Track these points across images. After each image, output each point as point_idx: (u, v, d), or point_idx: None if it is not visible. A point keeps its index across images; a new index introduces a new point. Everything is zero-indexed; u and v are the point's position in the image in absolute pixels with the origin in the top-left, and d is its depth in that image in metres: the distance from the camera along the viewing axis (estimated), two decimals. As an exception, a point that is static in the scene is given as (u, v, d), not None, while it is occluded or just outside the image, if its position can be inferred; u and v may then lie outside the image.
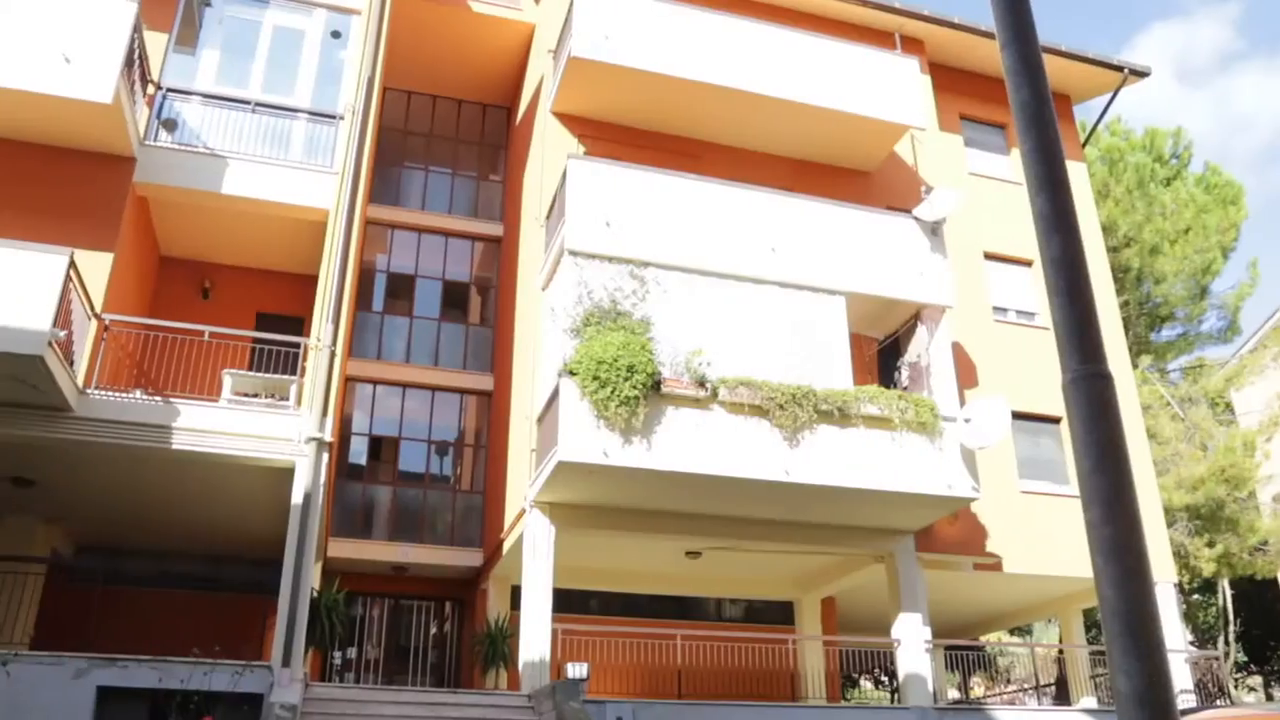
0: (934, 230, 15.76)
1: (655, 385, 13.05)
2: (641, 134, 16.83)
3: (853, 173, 17.99)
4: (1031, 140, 3.94)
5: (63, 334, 10.55)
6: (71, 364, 11.25)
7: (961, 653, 19.88)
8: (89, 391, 11.67)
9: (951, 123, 19.62)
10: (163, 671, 10.21)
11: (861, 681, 29.94)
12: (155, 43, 13.92)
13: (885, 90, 17.14)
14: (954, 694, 24.55)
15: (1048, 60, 19.13)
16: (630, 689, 15.47)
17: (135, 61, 12.88)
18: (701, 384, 13.36)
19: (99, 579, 11.76)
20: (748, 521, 14.51)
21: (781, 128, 17.03)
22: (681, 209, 14.76)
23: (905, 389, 15.25)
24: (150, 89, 13.77)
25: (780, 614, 18.76)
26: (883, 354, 16.32)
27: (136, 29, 12.63)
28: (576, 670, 12.42)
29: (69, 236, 12.08)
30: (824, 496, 13.68)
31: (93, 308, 12.00)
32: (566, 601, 15.14)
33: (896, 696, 14.88)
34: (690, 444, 13.02)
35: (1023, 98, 4.02)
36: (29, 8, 12.36)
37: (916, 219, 15.79)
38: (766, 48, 16.71)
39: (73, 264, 10.78)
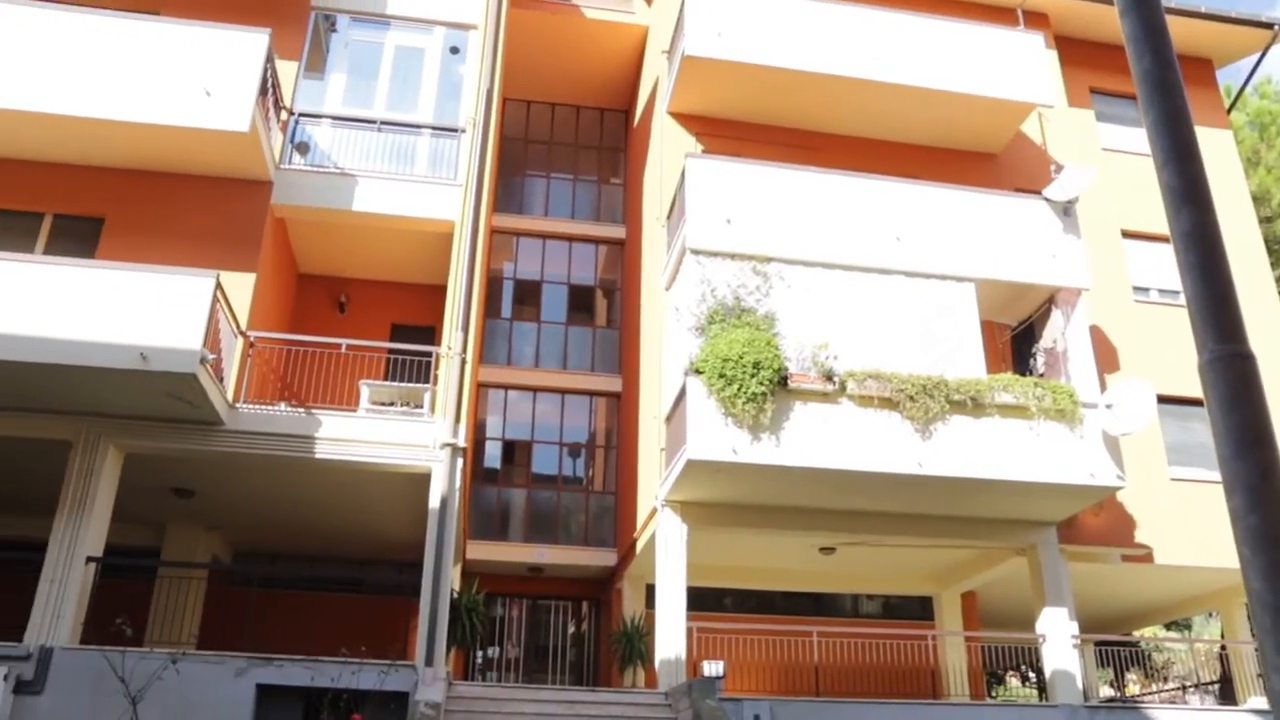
0: (1066, 210, 15.19)
1: (782, 381, 12.95)
2: (759, 129, 16.72)
3: (978, 156, 17.48)
4: (1156, 110, 3.76)
5: (212, 356, 11.11)
6: (221, 380, 11.84)
7: (1113, 649, 19.09)
8: (238, 405, 12.27)
9: (1081, 97, 18.85)
10: (315, 671, 10.66)
11: (1008, 678, 29.07)
12: (286, 71, 14.54)
13: (1008, 69, 16.60)
14: (1107, 691, 23.62)
15: (1184, 24, 18.42)
16: (767, 687, 15.39)
17: (269, 90, 13.47)
18: (829, 378, 13.19)
19: (254, 582, 12.33)
20: (881, 516, 14.26)
21: (902, 114, 16.67)
22: (802, 202, 14.62)
23: (1042, 376, 14.74)
24: (283, 115, 14.38)
25: (919, 609, 18.36)
26: (1016, 341, 15.82)
27: (269, 59, 13.23)
28: (712, 668, 12.43)
29: (214, 259, 12.72)
30: (959, 489, 13.34)
31: (239, 326, 12.60)
32: (701, 599, 15.16)
33: (1045, 694, 14.35)
34: (819, 439, 12.87)
35: (1145, 66, 3.84)
36: (172, 47, 13.06)
37: (1047, 200, 15.24)
38: (882, 33, 16.39)
39: (219, 286, 11.34)
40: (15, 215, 13.33)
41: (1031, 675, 26.81)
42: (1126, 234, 17.70)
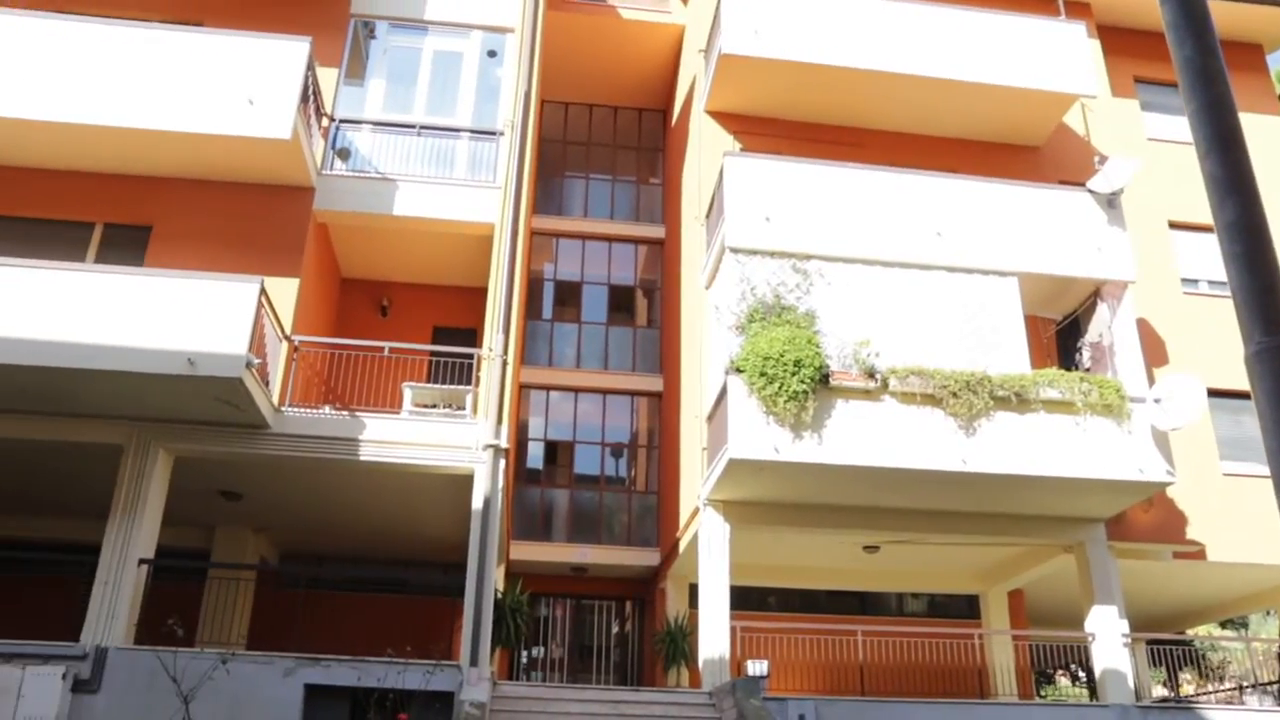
0: (1111, 202, 14.96)
1: (823, 378, 12.89)
2: (798, 126, 16.66)
3: (1019, 149, 17.27)
4: (1198, 99, 3.71)
5: (257, 360, 11.26)
6: (267, 384, 12.01)
7: (1166, 648, 18.77)
8: (284, 409, 12.43)
9: (1125, 87, 18.56)
10: (361, 671, 10.78)
11: (1057, 678, 28.70)
12: (327, 78, 14.70)
13: (1050, 60, 16.39)
14: (1160, 691, 23.22)
15: (1233, 8, 18.09)
16: (812, 686, 15.32)
17: (310, 97, 13.63)
18: (871, 375, 13.11)
19: (301, 584, 12.49)
20: (926, 513, 14.14)
21: (942, 108, 16.53)
22: (842, 199, 14.54)
23: (1088, 370, 14.54)
24: (324, 121, 14.55)
25: (965, 608, 18.18)
26: (1061, 335, 15.62)
27: (309, 67, 13.39)
28: (757, 667, 12.41)
29: (259, 265, 12.90)
30: (1005, 485, 13.19)
31: (283, 330, 12.77)
32: (744, 599, 15.14)
33: (1096, 694, 14.14)
34: (862, 436, 12.79)
35: (1186, 53, 3.79)
36: (216, 58, 13.26)
37: (1091, 192, 15.02)
38: (921, 27, 16.26)
39: (263, 291, 11.50)
40: (68, 225, 13.61)
41: (1081, 675, 26.45)
42: (1174, 225, 17.40)
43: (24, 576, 14.06)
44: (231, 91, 12.92)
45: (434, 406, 13.45)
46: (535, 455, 20.70)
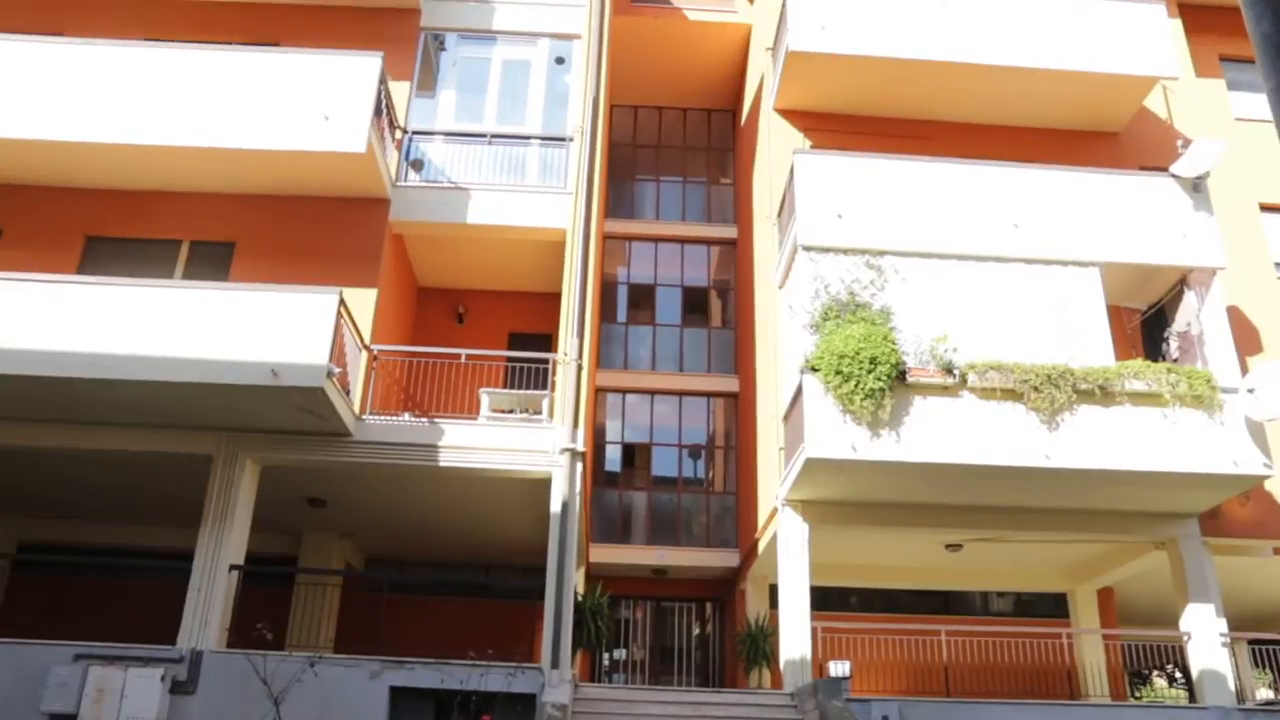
0: (1196, 186, 14.50)
1: (900, 375, 12.73)
2: (868, 121, 16.48)
3: (1098, 135, 16.83)
4: (1278, 78, 3.57)
5: (338, 369, 11.51)
6: (348, 393, 12.27)
7: (1271, 648, 18.09)
8: (364, 417, 12.68)
9: (1210, 67, 17.94)
10: (444, 673, 10.94)
11: (1153, 679, 27.82)
12: (399, 91, 14.98)
13: (1128, 42, 15.94)
14: (1266, 694, 22.37)
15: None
16: (895, 687, 15.11)
17: (383, 111, 13.89)
18: (949, 371, 12.90)
19: (385, 588, 12.73)
20: (1009, 510, 13.85)
21: (1016, 97, 16.18)
22: (915, 193, 14.34)
23: (1175, 361, 14.11)
24: (398, 134, 14.81)
25: (1052, 606, 17.74)
26: (1146, 325, 15.17)
27: (382, 81, 13.65)
28: (839, 668, 12.28)
29: (338, 277, 13.17)
30: (1090, 481, 12.85)
31: (362, 340, 13.03)
32: (825, 599, 15.02)
33: (1195, 696, 13.69)
34: (941, 433, 12.59)
35: (1264, 29, 3.63)
36: (292, 76, 13.59)
37: (1175, 176, 14.57)
38: (992, 14, 15.93)
39: (342, 302, 11.74)
40: (156, 243, 14.08)
41: (1179, 676, 25.60)
42: (1265, 207, 16.76)
43: (123, 582, 14.58)
44: (308, 108, 13.23)
45: (511, 411, 13.60)
46: (613, 458, 20.79)
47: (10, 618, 14.65)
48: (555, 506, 12.36)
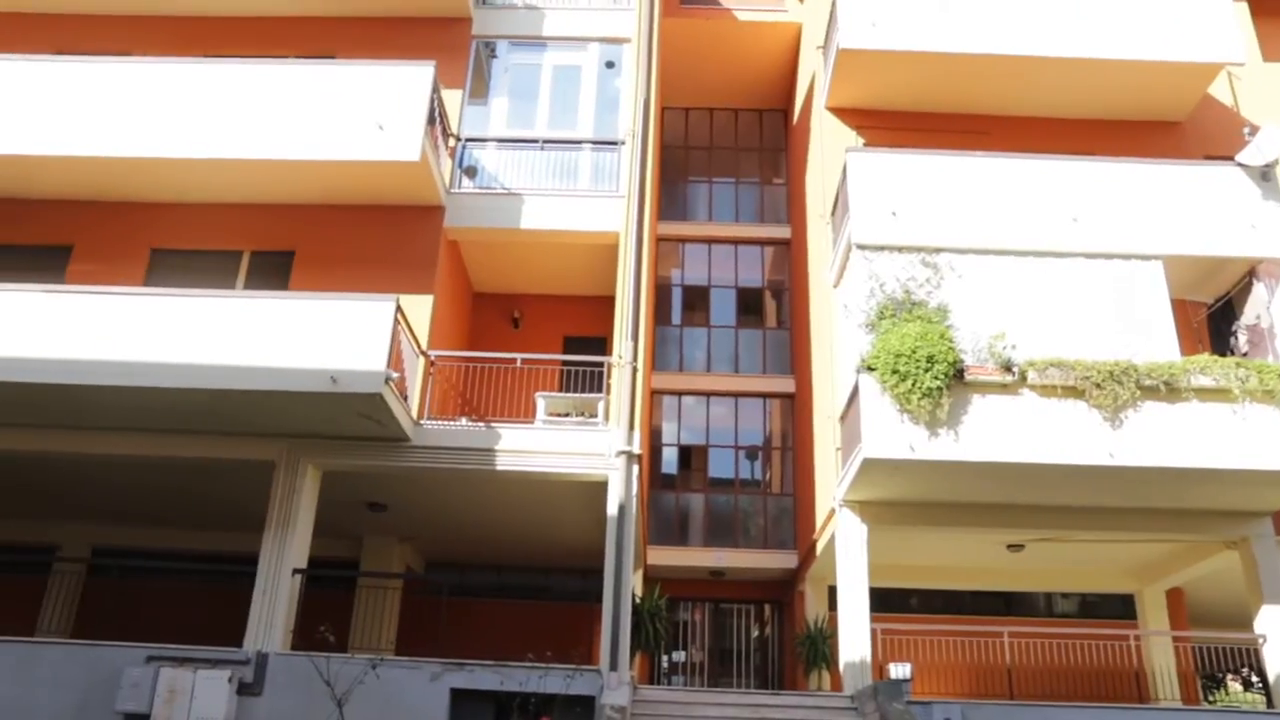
0: (1264, 175, 14.14)
1: (958, 374, 12.57)
2: (921, 117, 16.32)
3: (1159, 125, 16.48)
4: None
5: (396, 375, 11.66)
6: (406, 398, 12.43)
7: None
8: (422, 422, 12.84)
9: (1278, 50, 17.47)
10: (503, 675, 11.02)
11: (1228, 682, 27.12)
12: (452, 99, 15.14)
13: (1191, 28, 15.58)
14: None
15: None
16: (957, 689, 14.91)
17: (436, 119, 14.06)
18: (1007, 368, 12.71)
19: (445, 591, 12.86)
20: (1072, 510, 13.59)
21: (1073, 88, 15.91)
22: (970, 189, 14.18)
23: (1245, 355, 13.77)
24: (451, 141, 14.98)
25: (1119, 607, 17.36)
26: (1213, 319, 14.82)
27: (434, 90, 13.81)
28: (899, 670, 12.16)
29: (395, 284, 13.38)
30: (1156, 479, 12.56)
31: (419, 346, 13.19)
32: (885, 600, 14.86)
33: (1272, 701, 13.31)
34: (1000, 432, 12.40)
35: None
36: (347, 87, 13.79)
37: (1241, 165, 14.23)
38: (1047, 5, 15.66)
39: (399, 309, 11.90)
40: (218, 254, 14.39)
41: (1256, 680, 24.93)
42: (1339, 196, 16.31)
43: (191, 585, 14.92)
44: (363, 118, 13.42)
45: (567, 415, 13.67)
46: (669, 460, 20.81)
47: (85, 620, 15.09)
48: (612, 509, 12.39)
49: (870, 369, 12.75)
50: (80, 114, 13.59)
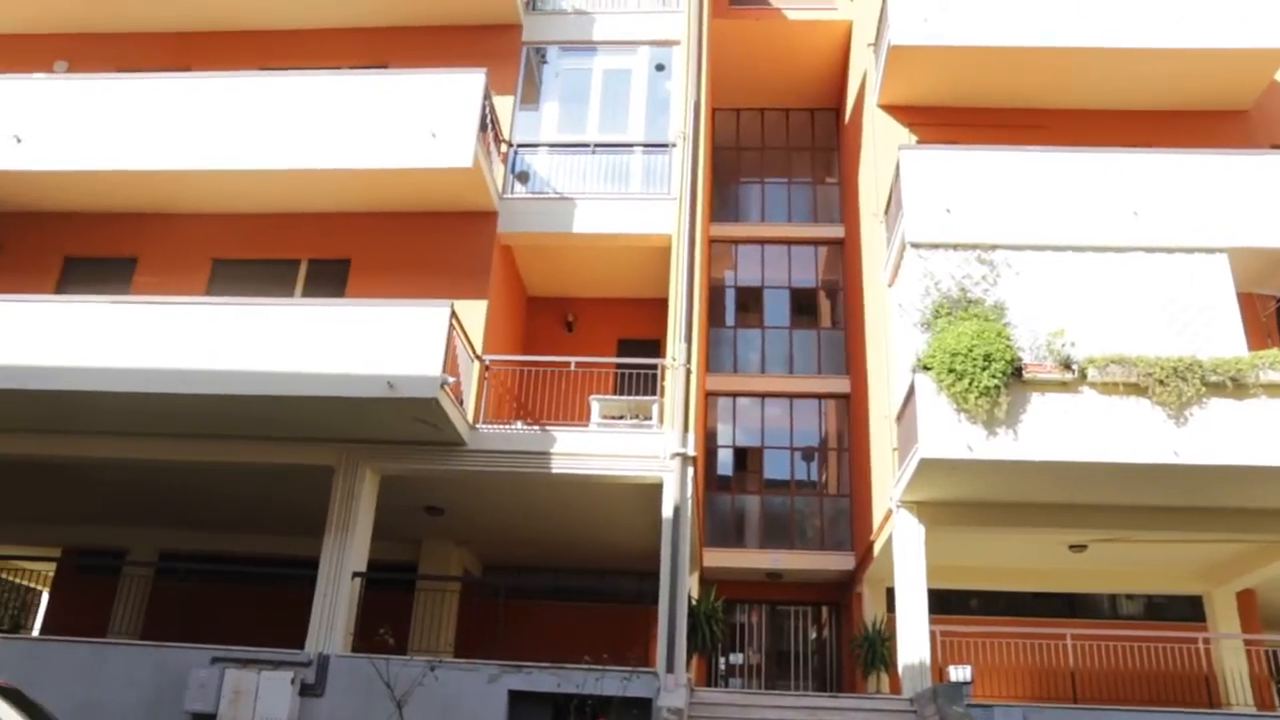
0: (1335, 163, 13.77)
1: (1016, 372, 12.40)
2: (975, 112, 16.11)
3: (1223, 114, 16.09)
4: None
5: (451, 380, 11.78)
6: (461, 402, 12.55)
7: None
8: (478, 426, 12.95)
9: (1348, 34, 16.96)
10: (561, 677, 11.08)
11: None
12: (503, 105, 15.25)
13: (1254, 12, 15.18)
14: None
15: None
16: (1019, 692, 14.70)
17: (488, 126, 14.17)
18: (1067, 366, 12.51)
19: (502, 594, 12.96)
20: (1136, 509, 13.32)
21: (1131, 79, 15.61)
22: (1026, 184, 13.97)
23: (1316, 349, 13.38)
24: (503, 147, 15.09)
25: (1187, 609, 16.95)
26: (1282, 312, 14.47)
27: (486, 97, 13.92)
28: (959, 673, 12.00)
29: (449, 290, 13.50)
30: (1223, 477, 12.25)
31: (474, 350, 13.31)
32: (944, 602, 14.70)
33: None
34: (1060, 431, 12.20)
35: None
36: (400, 96, 13.97)
37: (1311, 153, 13.88)
38: (1103, -6, 15.41)
39: (454, 314, 12.02)
40: (277, 263, 14.65)
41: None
42: None
43: (254, 588, 15.22)
44: (416, 126, 13.57)
45: (621, 418, 13.70)
46: (725, 462, 20.78)
47: (153, 621, 15.46)
48: (667, 511, 12.40)
49: (926, 368, 12.63)
50: (143, 129, 13.92)
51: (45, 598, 19.15)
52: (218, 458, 12.79)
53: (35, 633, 18.19)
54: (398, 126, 13.65)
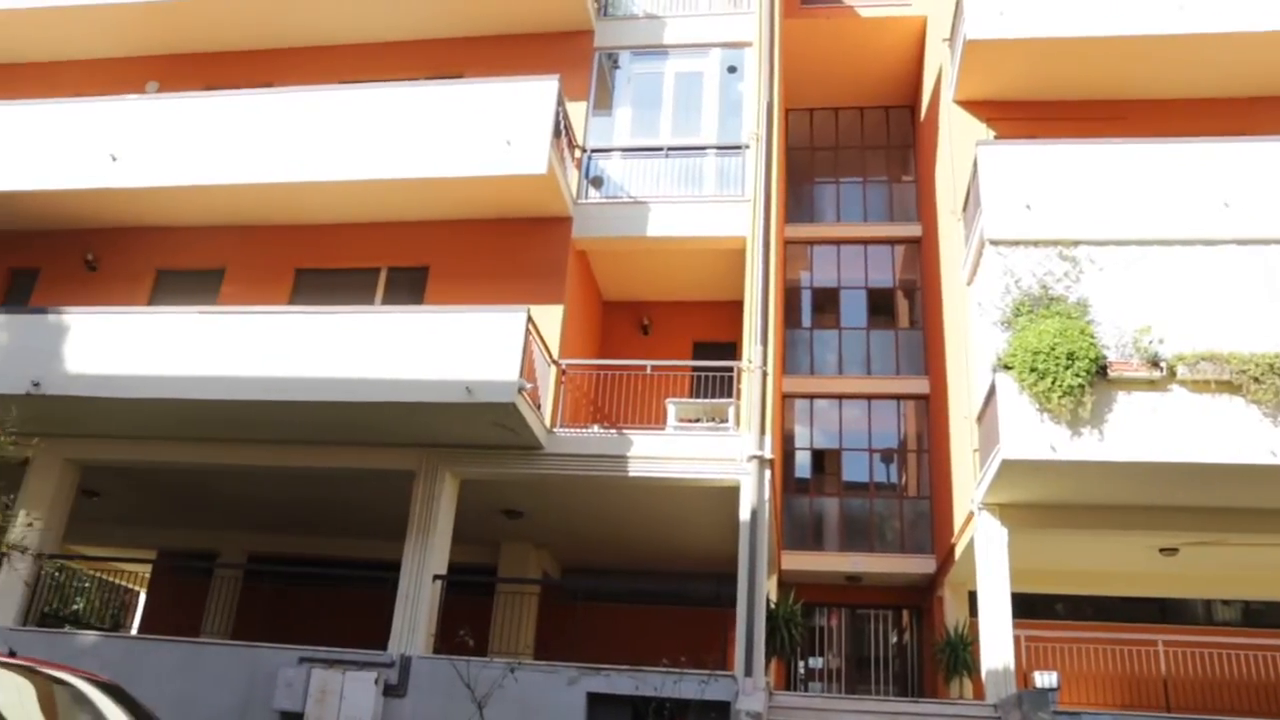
0: None
1: (1100, 370, 12.10)
2: (1054, 105, 15.77)
3: (1318, 99, 15.52)
4: None
5: (529, 385, 11.92)
6: (538, 407, 12.67)
7: None
8: (555, 430, 13.07)
9: None
10: (639, 680, 11.10)
11: None
12: (576, 111, 15.36)
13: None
14: None
15: None
16: (1108, 700, 14.32)
17: (561, 132, 14.29)
18: (1155, 364, 12.17)
19: (580, 596, 13.05)
20: (1231, 511, 12.87)
21: (1219, 65, 15.09)
22: (1108, 178, 13.61)
23: None
24: (577, 153, 15.21)
25: (1289, 615, 16.43)
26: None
27: (559, 103, 14.04)
28: (1045, 679, 11.75)
29: (525, 295, 13.62)
30: (1325, 478, 11.82)
31: (550, 355, 13.43)
32: (1029, 606, 14.41)
33: None
34: (1148, 430, 11.87)
35: None
36: (475, 104, 14.18)
37: None
38: (1186, -21, 14.96)
39: (530, 319, 12.15)
40: (357, 272, 14.97)
41: None
42: None
43: (337, 590, 15.55)
44: (490, 134, 13.75)
45: (697, 421, 13.68)
46: (802, 464, 20.65)
47: (243, 622, 15.89)
48: (744, 514, 12.36)
49: (1007, 368, 12.40)
50: (230, 144, 14.35)
51: (142, 598, 19.85)
52: (302, 463, 13.11)
53: (134, 631, 18.86)
54: (473, 135, 13.85)
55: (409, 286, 14.62)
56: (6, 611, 12.74)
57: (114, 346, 12.46)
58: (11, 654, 5.86)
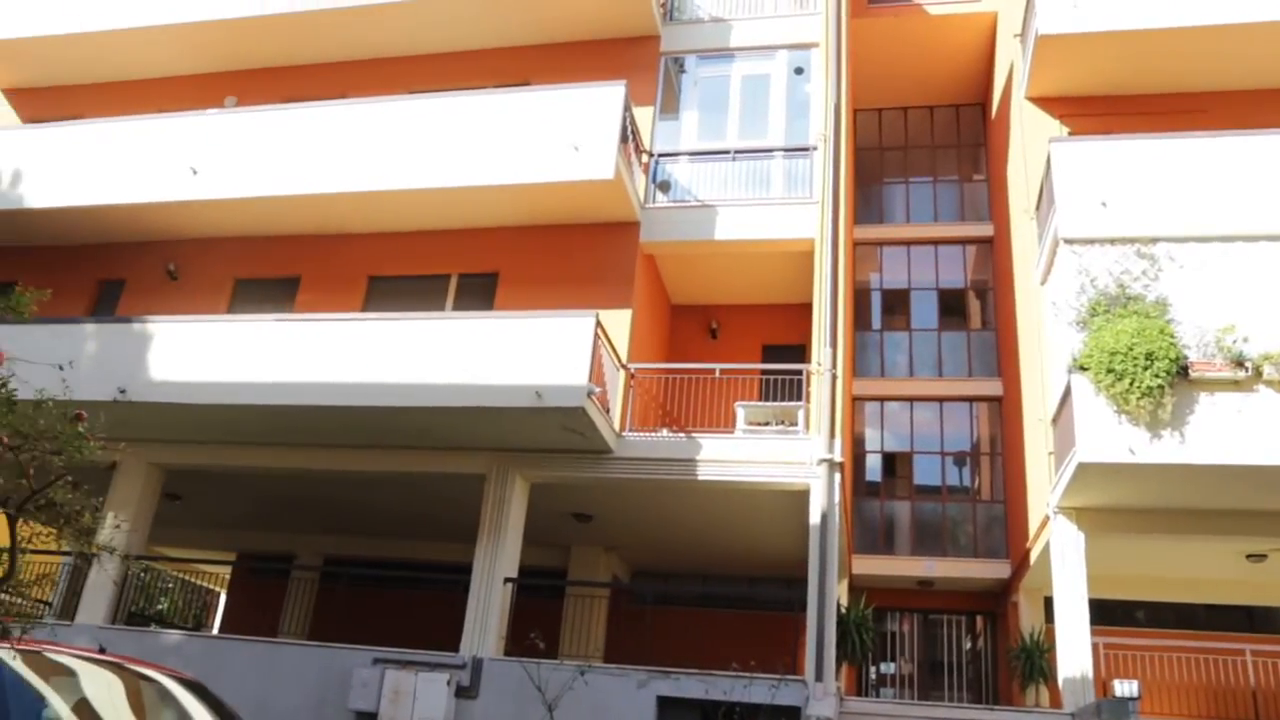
0: None
1: (1181, 371, 11.78)
2: (1129, 100, 15.42)
3: None
4: None
5: (597, 389, 11.98)
6: (607, 411, 12.73)
7: None
8: (624, 434, 13.12)
9: None
10: (709, 684, 11.10)
11: None
12: (643, 116, 15.42)
13: None
14: None
15: None
16: (1191, 711, 13.91)
17: (628, 137, 14.35)
18: (1239, 363, 11.81)
19: (650, 600, 13.08)
20: (1322, 516, 12.49)
21: (1302, 55, 14.66)
22: (1188, 173, 13.25)
23: None
24: (644, 157, 15.26)
25: (1386, 625, 15.80)
26: None
27: (626, 108, 14.11)
28: (1125, 688, 11.47)
29: (594, 300, 13.72)
30: None
31: (619, 359, 13.49)
32: (1107, 613, 14.10)
33: None
34: (1232, 432, 11.52)
35: None
36: (543, 111, 14.32)
37: None
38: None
39: (599, 324, 12.21)
40: (428, 279, 15.21)
41: None
42: None
43: (410, 592, 15.79)
44: (558, 140, 13.86)
45: (766, 424, 13.62)
46: (873, 467, 20.43)
47: (319, 623, 16.22)
48: (814, 518, 12.28)
49: (1083, 369, 12.14)
50: (305, 155, 14.70)
51: (223, 599, 20.38)
52: (376, 467, 13.35)
53: (215, 631, 19.36)
54: (541, 141, 13.98)
55: (479, 292, 14.80)
56: (96, 610, 13.17)
57: (194, 354, 12.82)
58: (102, 650, 6.06)
